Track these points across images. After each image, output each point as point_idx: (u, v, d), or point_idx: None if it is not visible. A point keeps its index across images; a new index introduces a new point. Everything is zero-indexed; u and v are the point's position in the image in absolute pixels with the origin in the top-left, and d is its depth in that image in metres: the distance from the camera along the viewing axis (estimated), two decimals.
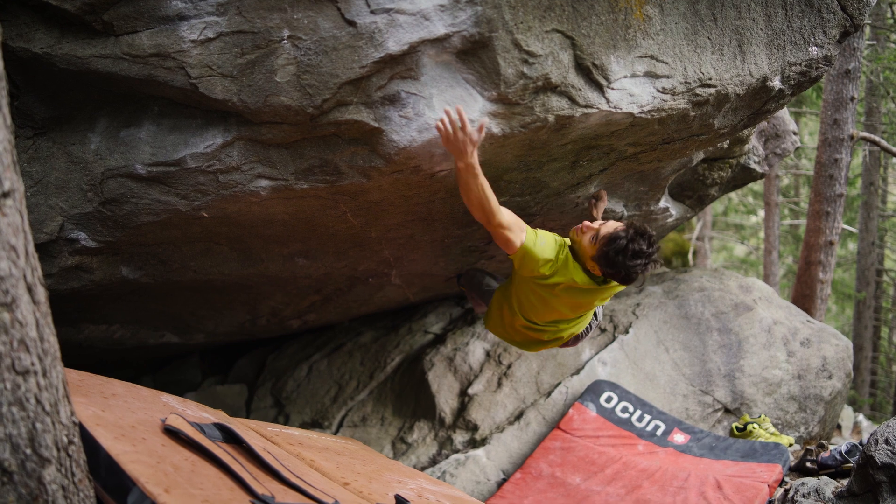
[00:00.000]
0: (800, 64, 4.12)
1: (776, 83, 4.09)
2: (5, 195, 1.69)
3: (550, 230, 5.31)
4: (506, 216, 3.40)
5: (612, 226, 3.51)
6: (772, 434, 5.99)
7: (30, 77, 3.24)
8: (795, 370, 6.56)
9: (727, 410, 6.42)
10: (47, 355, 1.89)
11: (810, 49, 4.11)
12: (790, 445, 5.95)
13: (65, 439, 1.96)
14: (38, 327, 1.84)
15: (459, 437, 6.33)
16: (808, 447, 5.56)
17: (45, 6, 2.95)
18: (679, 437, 5.92)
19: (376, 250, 5.03)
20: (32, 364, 1.82)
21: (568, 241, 3.71)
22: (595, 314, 4.25)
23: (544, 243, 3.54)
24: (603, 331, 6.90)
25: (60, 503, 1.91)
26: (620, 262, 3.41)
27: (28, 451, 1.81)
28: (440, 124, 3.11)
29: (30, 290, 1.80)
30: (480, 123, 3.10)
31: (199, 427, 2.71)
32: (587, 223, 3.64)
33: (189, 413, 2.98)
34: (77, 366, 3.10)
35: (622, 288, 3.80)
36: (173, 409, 2.94)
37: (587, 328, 4.26)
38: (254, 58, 3.02)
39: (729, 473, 5.26)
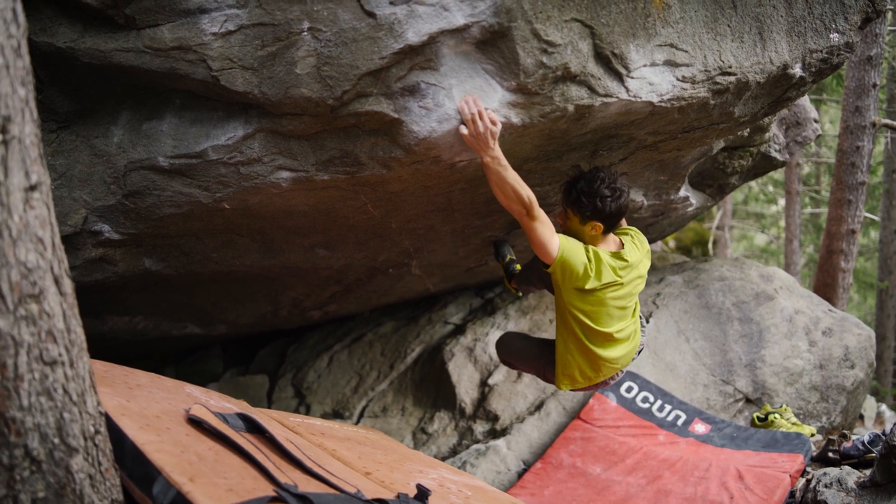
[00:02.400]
0: (821, 51, 4.09)
1: (797, 70, 4.06)
2: (33, 188, 1.71)
3: None
4: (542, 211, 3.39)
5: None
6: (793, 424, 5.96)
7: (53, 71, 3.27)
8: (817, 360, 6.52)
9: (748, 400, 6.40)
10: (74, 346, 1.91)
11: (831, 36, 4.07)
12: (812, 435, 5.92)
13: (91, 429, 1.99)
14: (65, 318, 1.86)
15: (480, 428, 6.35)
16: (831, 437, 5.53)
17: (68, 0, 2.97)
18: (700, 427, 5.91)
19: (396, 241, 5.04)
20: (60, 355, 1.84)
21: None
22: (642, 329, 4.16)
23: (576, 244, 3.51)
24: None
25: (88, 492, 1.94)
26: (584, 189, 3.49)
27: (56, 441, 1.84)
28: (463, 128, 3.16)
29: (57, 281, 1.82)
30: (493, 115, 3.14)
31: (223, 417, 2.74)
32: (557, 219, 3.75)
33: (212, 403, 3.01)
34: (101, 357, 3.14)
35: (646, 258, 3.81)
36: (197, 400, 2.97)
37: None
38: (274, 50, 3.03)
39: (750, 463, 5.25)
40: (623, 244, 3.73)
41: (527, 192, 3.29)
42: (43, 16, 3.05)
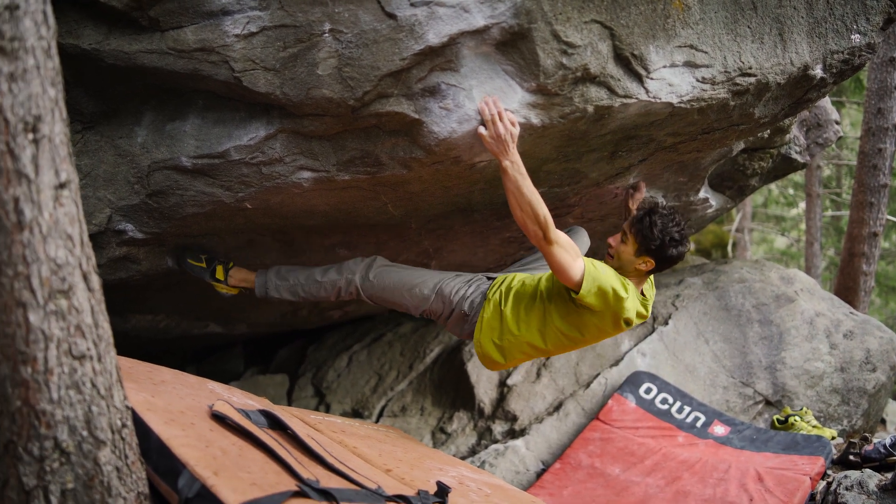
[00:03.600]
0: (842, 52, 4.08)
1: (818, 72, 4.05)
2: (62, 186, 1.75)
3: (589, 221, 5.32)
4: (560, 233, 3.32)
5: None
6: (814, 427, 5.94)
7: (78, 72, 3.31)
8: (838, 362, 6.49)
9: (768, 403, 6.37)
10: (101, 341, 1.95)
11: (853, 37, 4.06)
12: (833, 438, 5.89)
13: (118, 422, 2.02)
14: (93, 314, 1.90)
15: (499, 428, 6.36)
16: (852, 440, 5.51)
17: (93, 3, 3.01)
18: (719, 429, 5.89)
19: (416, 241, 5.06)
20: (88, 349, 1.88)
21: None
22: None
23: (605, 270, 3.40)
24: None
25: (115, 484, 1.98)
26: (658, 224, 3.42)
27: (84, 433, 1.88)
28: (482, 129, 3.14)
29: (85, 277, 1.86)
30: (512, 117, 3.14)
31: (245, 413, 2.77)
32: (609, 239, 3.67)
33: (235, 400, 3.04)
34: (125, 354, 3.17)
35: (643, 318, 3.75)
36: (220, 396, 3.00)
37: None
38: (296, 51, 3.06)
39: (770, 465, 5.23)
40: (644, 294, 3.70)
41: (543, 212, 3.22)
42: (69, 18, 3.09)
